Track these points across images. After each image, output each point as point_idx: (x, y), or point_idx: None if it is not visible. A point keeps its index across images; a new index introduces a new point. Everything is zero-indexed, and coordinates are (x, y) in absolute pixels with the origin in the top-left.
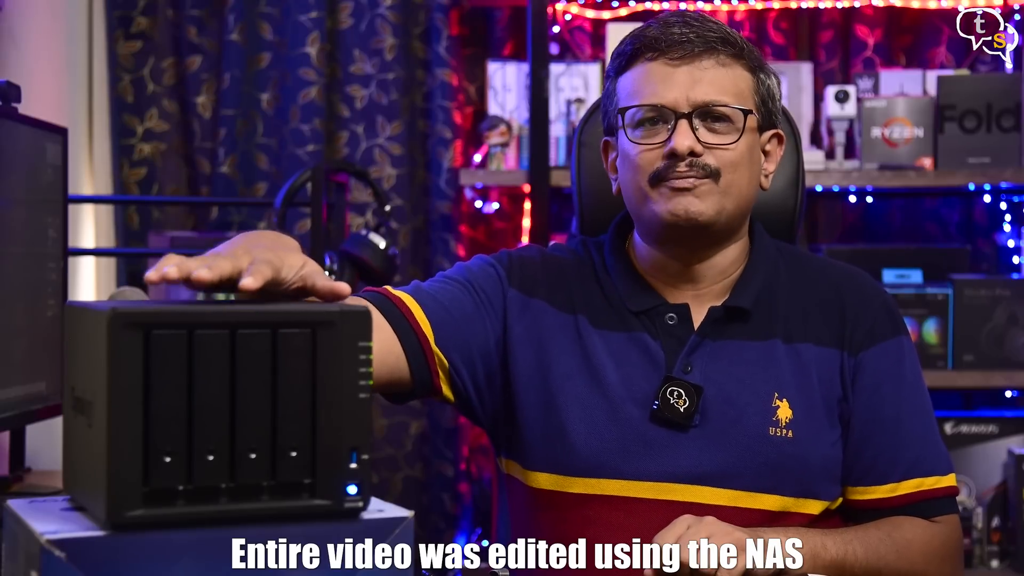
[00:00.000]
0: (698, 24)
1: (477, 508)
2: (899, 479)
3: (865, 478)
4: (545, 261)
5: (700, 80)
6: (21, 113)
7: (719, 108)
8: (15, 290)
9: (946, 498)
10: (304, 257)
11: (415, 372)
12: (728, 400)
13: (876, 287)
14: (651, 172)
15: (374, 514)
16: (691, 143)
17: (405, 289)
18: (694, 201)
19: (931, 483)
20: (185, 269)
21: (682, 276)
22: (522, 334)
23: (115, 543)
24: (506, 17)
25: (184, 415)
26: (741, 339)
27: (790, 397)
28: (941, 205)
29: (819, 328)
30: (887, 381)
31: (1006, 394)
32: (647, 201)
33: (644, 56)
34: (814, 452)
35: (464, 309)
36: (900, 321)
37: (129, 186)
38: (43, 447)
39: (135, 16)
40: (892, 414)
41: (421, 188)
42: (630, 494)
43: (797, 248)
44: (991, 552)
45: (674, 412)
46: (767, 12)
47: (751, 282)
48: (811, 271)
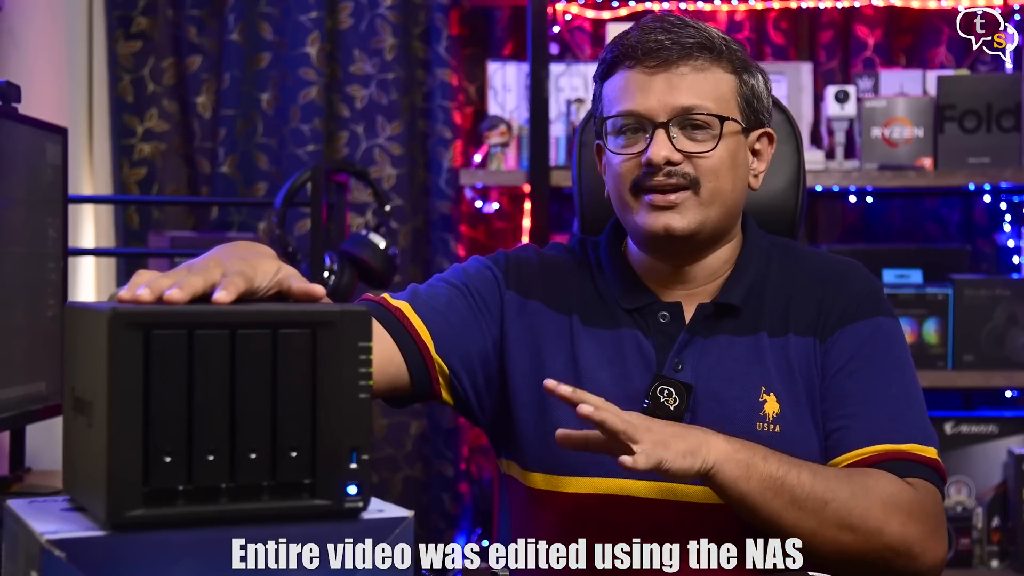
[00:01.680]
0: (677, 30)
1: (477, 508)
2: (864, 445)
3: (832, 452)
4: (542, 262)
5: (677, 87)
6: (21, 113)
7: (696, 115)
8: (15, 290)
9: (924, 465)
10: (278, 262)
11: (415, 380)
12: (716, 396)
13: (863, 274)
14: (631, 181)
15: (374, 514)
16: (667, 152)
17: (402, 297)
18: (674, 216)
19: (904, 447)
20: (157, 289)
21: (673, 278)
22: (519, 335)
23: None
24: (506, 17)
25: (184, 415)
26: (730, 335)
27: (777, 391)
28: (941, 205)
29: (799, 319)
30: (856, 357)
31: (1006, 394)
32: (629, 211)
33: (623, 64)
34: (801, 446)
35: (461, 314)
36: (884, 305)
37: (129, 186)
38: (43, 447)
39: (135, 16)
40: (859, 388)
41: (421, 188)
42: (623, 492)
43: (793, 242)
44: (991, 552)
45: (665, 411)
46: (767, 12)
47: (741, 279)
48: (802, 263)
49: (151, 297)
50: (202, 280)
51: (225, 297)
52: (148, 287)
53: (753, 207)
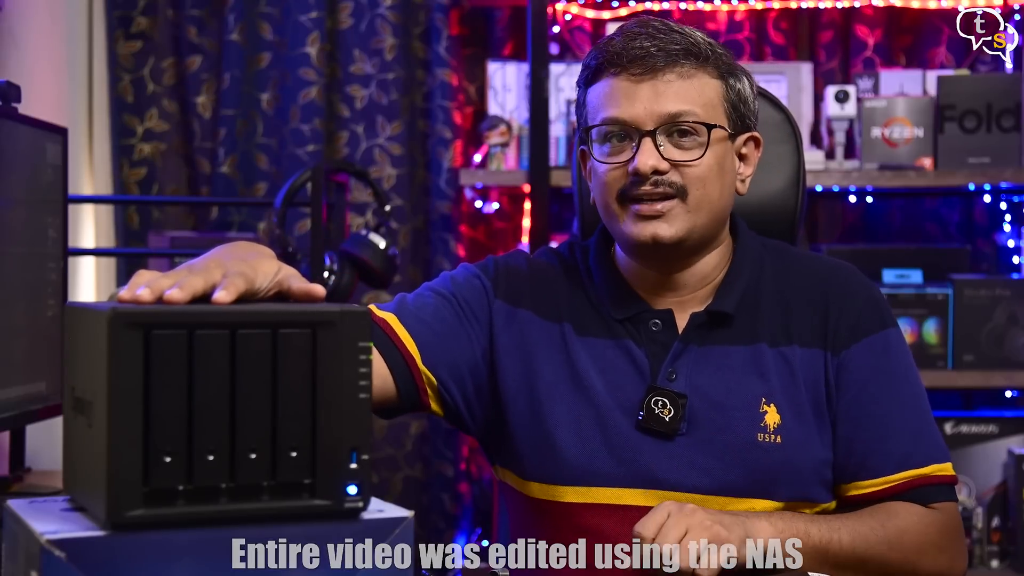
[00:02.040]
0: (662, 36)
1: (477, 508)
2: (893, 472)
3: (859, 474)
4: (532, 270)
5: (663, 95)
6: (21, 113)
7: (683, 123)
8: (15, 290)
9: (944, 486)
10: (278, 263)
11: (402, 391)
12: (715, 406)
13: (862, 281)
14: (618, 190)
15: (374, 514)
16: (655, 162)
17: (389, 308)
18: (661, 225)
19: (927, 471)
20: (157, 289)
21: (663, 285)
22: (508, 345)
23: (115, 543)
24: (506, 17)
25: (184, 415)
26: (726, 344)
27: (778, 402)
28: (941, 205)
29: (803, 329)
30: (873, 377)
31: (1006, 394)
32: (615, 219)
33: (608, 71)
34: (804, 457)
35: (449, 324)
36: (887, 314)
37: (129, 186)
38: (43, 447)
39: (135, 16)
40: (881, 410)
41: (421, 188)
42: (621, 502)
43: (783, 244)
44: (991, 552)
45: (659, 422)
46: (767, 12)
47: (734, 285)
48: (797, 268)
49: (151, 297)
50: (202, 280)
51: (225, 297)
52: (148, 287)
53: (752, 208)
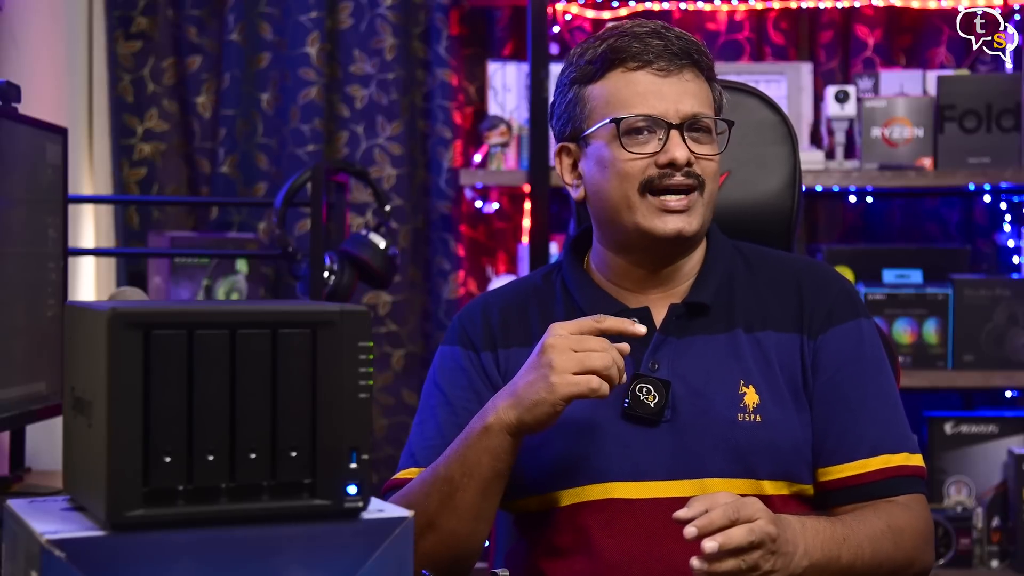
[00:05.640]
0: (670, 35)
1: None
2: (867, 455)
3: (833, 457)
4: (500, 307)
5: (685, 92)
6: (21, 113)
7: (703, 120)
8: (15, 290)
9: (917, 477)
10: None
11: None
12: (697, 392)
13: (834, 274)
14: (642, 180)
15: (374, 514)
16: (687, 154)
17: (403, 467)
18: (686, 219)
19: (900, 460)
20: None
21: (648, 281)
22: (502, 382)
23: (115, 543)
24: (506, 17)
25: (184, 415)
26: (704, 334)
27: (756, 383)
28: (941, 205)
29: (778, 315)
30: (848, 362)
31: (1006, 394)
32: (632, 211)
33: (624, 65)
34: (783, 433)
35: (457, 429)
36: (860, 305)
37: (129, 186)
38: (43, 447)
39: (135, 16)
40: (856, 393)
41: (421, 188)
42: (613, 495)
43: (754, 245)
44: (991, 552)
45: (644, 408)
46: (767, 12)
47: (709, 278)
48: (769, 262)
49: None
50: None
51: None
52: None
53: (748, 209)
